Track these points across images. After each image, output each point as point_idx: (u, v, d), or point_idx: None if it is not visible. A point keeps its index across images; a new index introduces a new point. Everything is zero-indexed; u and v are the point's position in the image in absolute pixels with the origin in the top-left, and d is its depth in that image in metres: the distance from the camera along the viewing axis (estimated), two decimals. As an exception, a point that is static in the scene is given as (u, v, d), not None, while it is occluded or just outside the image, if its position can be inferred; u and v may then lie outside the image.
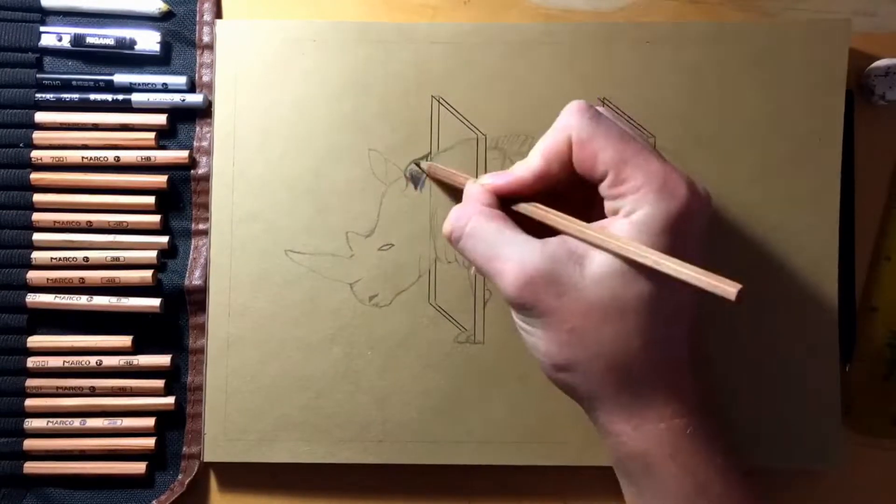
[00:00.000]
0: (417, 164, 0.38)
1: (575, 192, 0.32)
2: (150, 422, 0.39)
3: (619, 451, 0.31)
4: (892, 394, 0.39)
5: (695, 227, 0.30)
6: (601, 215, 0.30)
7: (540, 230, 0.31)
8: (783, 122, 0.38)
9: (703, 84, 0.38)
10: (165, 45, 0.40)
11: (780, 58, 0.38)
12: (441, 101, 0.39)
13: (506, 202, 0.32)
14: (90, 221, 0.39)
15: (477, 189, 0.33)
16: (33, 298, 0.39)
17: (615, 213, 0.30)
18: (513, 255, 0.30)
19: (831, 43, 0.38)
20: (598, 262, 0.29)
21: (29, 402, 0.39)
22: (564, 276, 0.29)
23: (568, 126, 0.30)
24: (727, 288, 0.26)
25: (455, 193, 0.38)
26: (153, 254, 0.39)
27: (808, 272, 0.38)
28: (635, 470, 0.31)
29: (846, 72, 0.38)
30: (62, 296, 0.39)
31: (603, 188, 0.30)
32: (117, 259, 0.39)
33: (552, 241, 0.30)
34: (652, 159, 0.29)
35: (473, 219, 0.31)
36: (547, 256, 0.29)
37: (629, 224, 0.29)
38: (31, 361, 0.39)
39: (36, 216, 0.39)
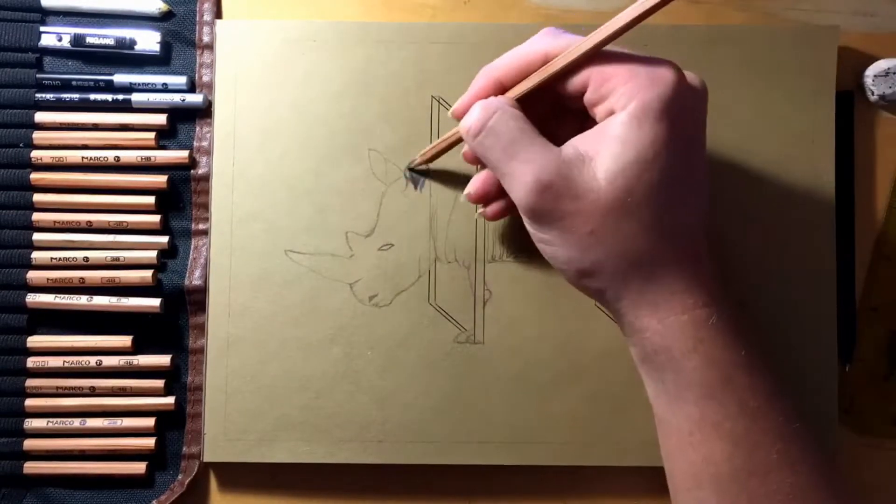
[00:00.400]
0: (411, 170, 0.38)
1: (549, 114, 0.33)
2: (150, 422, 0.39)
3: (646, 347, 0.30)
4: (892, 394, 0.39)
5: (691, 109, 0.30)
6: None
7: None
8: (777, 123, 0.38)
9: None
10: (165, 45, 0.40)
11: (772, 61, 0.38)
12: (441, 101, 0.39)
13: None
14: (90, 221, 0.39)
15: (493, 97, 0.32)
16: (33, 298, 0.39)
17: (609, 113, 0.30)
18: (532, 158, 0.30)
19: (821, 48, 0.38)
20: (607, 161, 0.29)
21: (29, 402, 0.39)
22: (579, 179, 0.29)
23: (540, 45, 0.31)
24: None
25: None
26: (153, 254, 0.39)
27: (805, 273, 0.38)
28: (661, 364, 0.30)
29: (835, 76, 0.38)
30: (62, 296, 0.39)
31: (589, 95, 0.30)
32: (117, 259, 0.39)
33: (564, 148, 0.30)
34: (633, 54, 0.30)
35: (498, 114, 0.31)
36: (563, 161, 0.29)
37: (627, 116, 0.29)
38: (31, 361, 0.39)
39: (36, 216, 0.39)
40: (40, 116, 0.39)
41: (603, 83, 0.29)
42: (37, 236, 0.39)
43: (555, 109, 0.33)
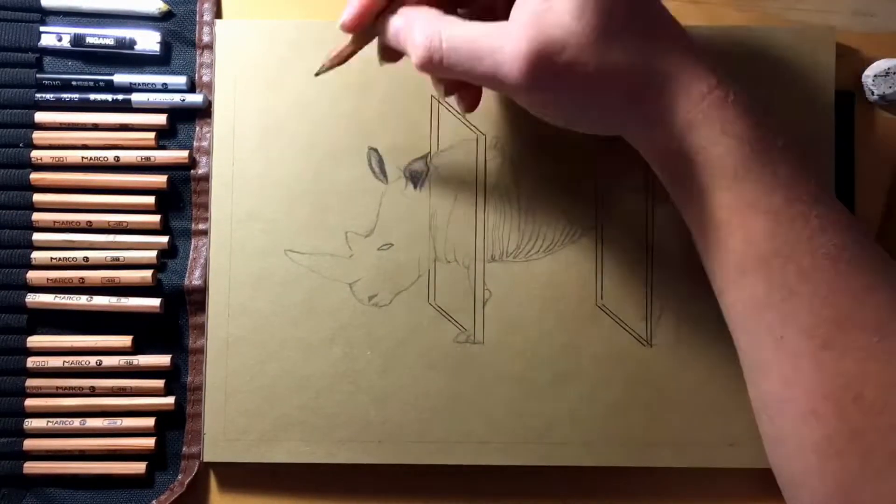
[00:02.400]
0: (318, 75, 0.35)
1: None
2: (150, 422, 0.39)
3: (676, 155, 0.30)
4: (891, 393, 0.39)
5: None
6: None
7: None
8: (776, 124, 0.38)
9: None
10: (165, 45, 0.40)
11: (770, 62, 0.38)
12: (441, 100, 0.39)
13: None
14: (90, 221, 0.39)
15: (411, 7, 0.31)
16: (33, 298, 0.39)
17: None
18: (501, 45, 0.29)
19: (818, 48, 0.38)
20: (563, 2, 0.28)
21: (29, 402, 0.39)
22: (552, 31, 0.28)
23: None
24: None
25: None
26: (153, 254, 0.39)
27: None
28: (694, 167, 0.30)
29: (834, 76, 0.38)
30: (62, 296, 0.39)
31: None
32: (117, 259, 0.39)
33: (515, 18, 0.29)
34: None
35: (443, 30, 0.30)
36: (525, 30, 0.28)
37: None
38: (31, 361, 0.39)
39: (36, 216, 0.39)
40: (40, 116, 0.39)
41: None
42: (37, 236, 0.39)
43: None
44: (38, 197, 0.39)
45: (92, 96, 0.39)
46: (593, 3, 0.28)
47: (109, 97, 0.39)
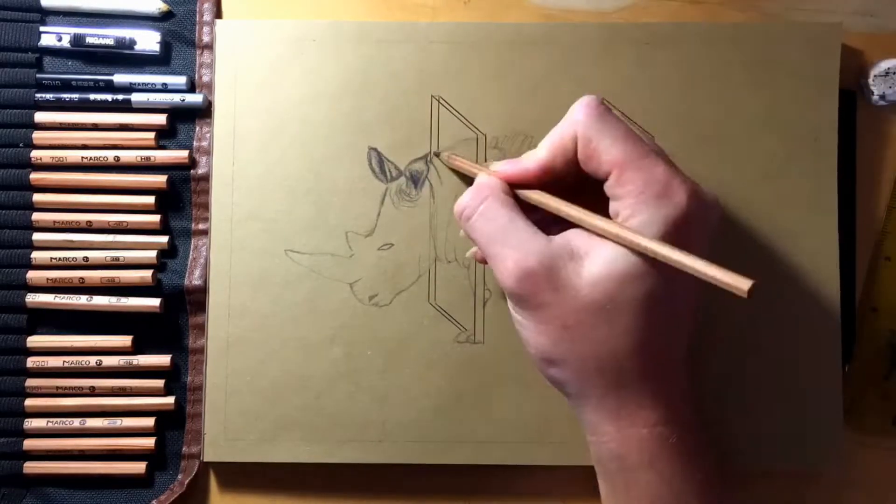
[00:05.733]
0: (437, 154, 0.38)
1: (585, 186, 0.32)
2: (149, 422, 0.39)
3: (601, 451, 0.31)
4: (892, 394, 0.39)
5: (696, 235, 0.29)
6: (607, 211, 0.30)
7: (545, 225, 0.31)
8: (780, 122, 0.38)
9: (701, 85, 0.38)
10: (165, 45, 0.40)
11: (775, 59, 0.38)
12: (441, 100, 0.39)
13: (514, 188, 0.33)
14: (90, 221, 0.39)
15: (491, 176, 0.33)
16: (33, 298, 0.39)
17: (615, 215, 0.30)
18: (518, 245, 0.30)
19: (824, 46, 0.38)
20: (596, 264, 0.29)
21: (29, 402, 0.39)
22: (563, 273, 0.29)
23: (575, 122, 0.31)
24: (739, 284, 0.25)
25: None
26: (153, 254, 0.39)
27: (808, 272, 0.38)
28: (614, 471, 0.31)
29: (838, 73, 0.38)
30: (62, 296, 0.39)
31: (608, 187, 0.30)
32: (117, 259, 0.39)
33: (556, 239, 0.30)
34: (655, 163, 0.29)
35: (489, 200, 0.32)
36: (549, 252, 0.29)
37: (631, 225, 0.29)
38: (31, 361, 0.39)
39: (36, 216, 0.39)
40: (40, 116, 0.39)
41: (619, 184, 0.29)
42: (37, 236, 0.39)
43: (580, 177, 0.32)
44: (38, 197, 0.39)
45: (92, 96, 0.39)
46: (613, 288, 0.28)
47: (109, 97, 0.39)
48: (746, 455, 0.37)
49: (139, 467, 0.39)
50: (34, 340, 0.39)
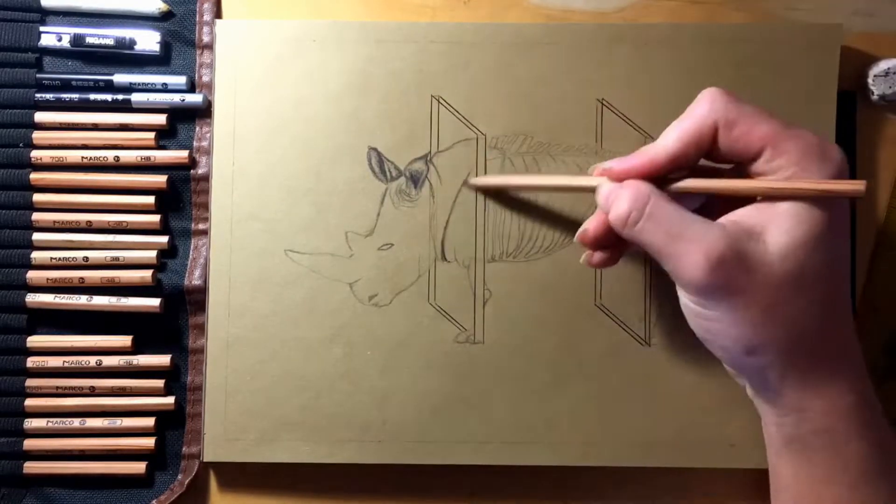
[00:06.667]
0: (465, 184, 0.38)
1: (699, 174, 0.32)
2: (149, 422, 0.39)
3: (803, 428, 0.30)
4: (892, 394, 0.39)
5: (849, 208, 0.30)
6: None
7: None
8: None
9: (701, 85, 0.38)
10: (165, 45, 0.40)
11: (774, 59, 0.38)
12: (441, 100, 0.39)
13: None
14: (90, 221, 0.39)
15: (638, 180, 0.31)
16: (33, 298, 0.39)
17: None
18: (699, 237, 0.29)
19: (823, 46, 0.38)
20: (780, 236, 0.29)
21: (29, 402, 0.39)
22: (751, 253, 0.29)
23: (712, 111, 0.30)
24: (856, 187, 0.28)
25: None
26: (153, 254, 0.39)
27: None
28: (818, 447, 0.30)
29: (837, 74, 0.38)
30: (62, 296, 0.39)
31: (759, 165, 0.30)
32: (117, 259, 0.39)
33: (727, 223, 0.30)
34: (803, 131, 0.30)
35: (654, 200, 0.30)
36: (730, 236, 0.29)
37: None
38: (31, 361, 0.39)
39: (36, 216, 0.39)
40: (40, 116, 0.39)
41: (777, 155, 0.29)
42: (37, 236, 0.39)
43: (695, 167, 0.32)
44: (38, 197, 0.39)
45: (92, 96, 0.39)
46: (803, 256, 0.29)
47: (109, 97, 0.39)
48: (746, 454, 0.37)
49: (139, 467, 0.39)
50: (34, 340, 0.39)
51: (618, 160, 0.32)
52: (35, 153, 0.39)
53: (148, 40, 0.40)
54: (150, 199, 0.39)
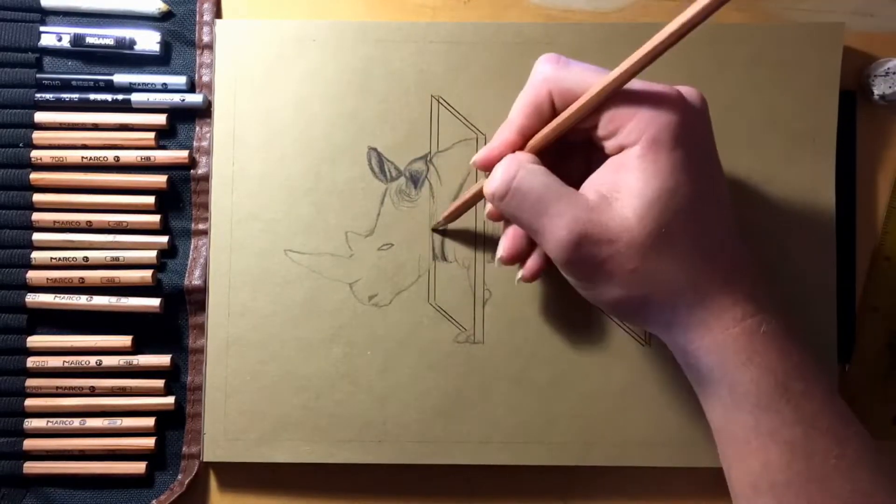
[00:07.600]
0: (434, 230, 0.38)
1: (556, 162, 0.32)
2: (149, 422, 0.39)
3: (700, 367, 0.30)
4: (891, 394, 0.39)
5: (699, 126, 0.30)
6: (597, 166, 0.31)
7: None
8: (779, 122, 0.38)
9: (701, 84, 0.38)
10: (165, 45, 0.40)
11: (775, 59, 0.38)
12: (441, 100, 0.39)
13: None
14: (90, 221, 0.39)
15: (510, 152, 0.32)
16: (33, 298, 0.39)
17: (620, 148, 0.30)
18: (560, 211, 0.29)
19: (825, 45, 0.38)
20: (632, 198, 0.29)
21: (29, 402, 0.39)
22: (610, 221, 0.29)
23: (545, 80, 0.31)
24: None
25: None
26: (153, 254, 0.39)
27: (805, 272, 0.38)
28: (716, 380, 0.30)
29: (839, 73, 0.38)
30: (62, 296, 0.39)
31: (601, 128, 0.30)
32: (117, 259, 0.39)
33: (586, 192, 0.30)
34: (635, 84, 0.30)
35: (522, 172, 0.30)
36: (592, 209, 0.29)
37: (640, 150, 0.29)
38: (31, 361, 0.39)
39: (36, 216, 0.39)
40: (40, 116, 0.39)
41: (610, 120, 0.29)
42: (37, 236, 0.39)
43: (561, 147, 0.33)
44: (38, 197, 0.39)
45: (92, 96, 0.39)
46: (658, 211, 0.29)
47: (109, 97, 0.39)
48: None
49: (139, 467, 0.39)
50: (34, 340, 0.39)
51: (485, 149, 0.32)
52: (35, 153, 0.39)
53: (148, 40, 0.40)
54: (150, 199, 0.39)
